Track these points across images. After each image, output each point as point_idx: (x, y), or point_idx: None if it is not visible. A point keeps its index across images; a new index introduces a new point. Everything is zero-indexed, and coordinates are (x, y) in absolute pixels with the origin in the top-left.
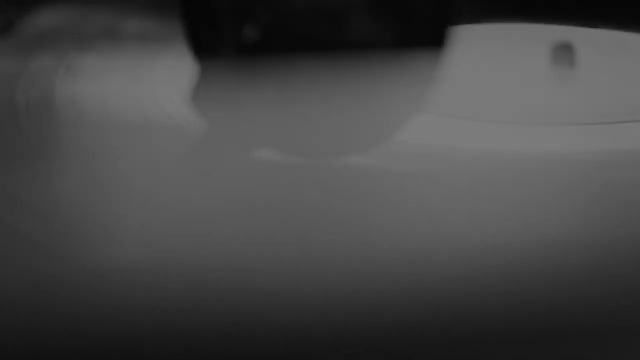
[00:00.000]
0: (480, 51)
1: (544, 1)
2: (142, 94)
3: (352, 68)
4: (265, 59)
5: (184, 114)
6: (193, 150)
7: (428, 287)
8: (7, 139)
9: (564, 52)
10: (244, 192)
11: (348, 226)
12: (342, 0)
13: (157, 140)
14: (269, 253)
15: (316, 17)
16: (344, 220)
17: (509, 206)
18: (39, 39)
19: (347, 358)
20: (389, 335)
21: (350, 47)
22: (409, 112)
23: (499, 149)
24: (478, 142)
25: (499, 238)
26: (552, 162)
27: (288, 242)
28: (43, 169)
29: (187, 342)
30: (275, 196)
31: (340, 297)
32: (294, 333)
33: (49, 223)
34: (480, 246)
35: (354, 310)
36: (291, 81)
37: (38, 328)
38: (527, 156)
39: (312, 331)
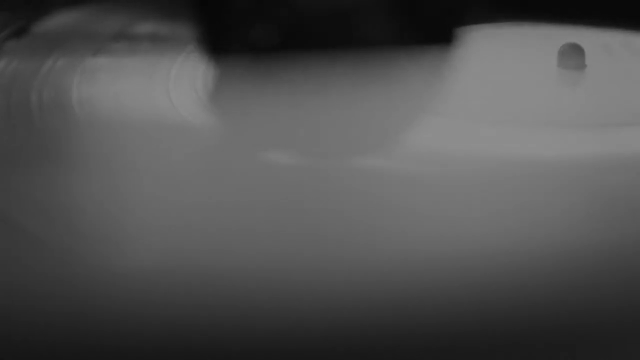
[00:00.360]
0: (488, 52)
1: (552, 2)
2: (157, 95)
3: (363, 69)
4: (278, 59)
5: (198, 115)
6: (207, 151)
7: (431, 289)
8: (22, 140)
9: (572, 54)
10: (256, 192)
11: (356, 227)
12: (355, 0)
13: (171, 141)
14: (279, 254)
15: (330, 17)
16: (352, 222)
17: (514, 208)
18: (53, 40)
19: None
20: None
21: (362, 47)
22: (418, 113)
23: (505, 151)
24: (485, 144)
25: (503, 239)
26: (560, 164)
27: (298, 243)
28: (57, 170)
29: (199, 344)
30: (287, 197)
31: (346, 298)
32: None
33: (62, 225)
34: (483, 248)
35: (358, 312)
36: (304, 81)
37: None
38: (534, 158)
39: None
